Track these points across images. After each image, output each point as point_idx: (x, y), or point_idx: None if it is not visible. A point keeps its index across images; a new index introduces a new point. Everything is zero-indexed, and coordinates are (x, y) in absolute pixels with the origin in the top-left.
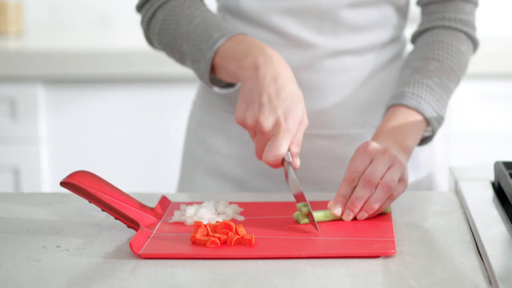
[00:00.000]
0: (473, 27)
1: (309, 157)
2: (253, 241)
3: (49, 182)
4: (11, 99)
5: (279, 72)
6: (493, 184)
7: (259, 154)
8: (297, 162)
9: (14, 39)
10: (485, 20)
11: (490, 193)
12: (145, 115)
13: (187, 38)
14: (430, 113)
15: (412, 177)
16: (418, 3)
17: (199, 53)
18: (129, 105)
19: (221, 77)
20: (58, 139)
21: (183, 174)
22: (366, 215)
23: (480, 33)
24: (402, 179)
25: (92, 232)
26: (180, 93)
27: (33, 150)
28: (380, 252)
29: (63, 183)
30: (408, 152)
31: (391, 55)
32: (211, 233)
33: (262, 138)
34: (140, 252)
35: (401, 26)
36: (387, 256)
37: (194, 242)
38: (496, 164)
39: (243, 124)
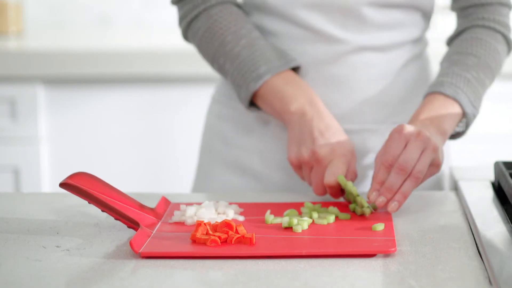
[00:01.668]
0: (509, 29)
1: None
2: (254, 240)
3: (49, 182)
4: (11, 99)
5: (325, 115)
6: (493, 184)
7: (318, 187)
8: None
9: (14, 39)
10: None
11: (490, 193)
12: (145, 115)
13: (231, 59)
14: (466, 104)
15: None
16: (453, 9)
17: (242, 80)
18: (129, 105)
19: (262, 107)
20: (58, 139)
21: (200, 168)
22: (397, 205)
23: None
24: (434, 163)
25: (92, 232)
26: (180, 93)
27: (33, 150)
28: (380, 250)
29: (63, 184)
30: (445, 135)
31: (413, 54)
32: (211, 232)
33: (319, 168)
34: (140, 251)
35: (424, 28)
36: (387, 255)
37: (195, 241)
38: (496, 164)
39: (298, 161)
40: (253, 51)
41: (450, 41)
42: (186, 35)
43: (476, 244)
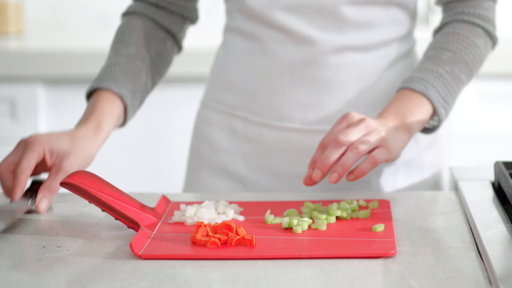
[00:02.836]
0: (492, 23)
1: (313, 153)
2: (254, 242)
3: None
4: (11, 99)
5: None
6: (493, 184)
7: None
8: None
9: (14, 39)
10: None
11: (490, 193)
12: (145, 115)
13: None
14: (436, 98)
15: (416, 177)
16: (438, 3)
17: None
18: None
19: None
20: None
21: (189, 172)
22: (336, 176)
23: None
24: (384, 146)
25: (92, 232)
26: (180, 93)
27: None
28: (380, 252)
29: (63, 183)
30: (408, 129)
31: (398, 54)
32: (211, 234)
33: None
34: (140, 253)
35: (408, 26)
36: (387, 256)
37: (195, 243)
38: (496, 164)
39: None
40: (113, 63)
41: (434, 34)
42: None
43: (476, 244)
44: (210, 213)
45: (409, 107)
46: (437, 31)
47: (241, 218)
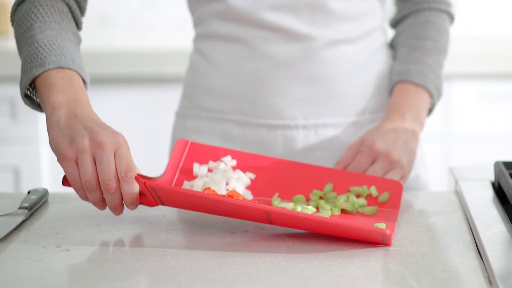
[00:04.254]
0: (449, 4)
1: (316, 148)
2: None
3: (49, 182)
4: (11, 99)
5: (92, 113)
6: (493, 184)
7: (110, 175)
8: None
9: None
10: (485, 20)
11: (490, 193)
12: (145, 115)
13: (30, 43)
14: (433, 90)
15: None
16: None
17: (29, 65)
18: (128, 105)
19: (37, 95)
20: None
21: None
22: None
23: (480, 33)
24: (401, 178)
25: (92, 232)
26: (179, 93)
27: (33, 150)
28: (378, 231)
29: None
30: (422, 126)
31: (378, 44)
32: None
33: (105, 154)
34: (145, 182)
35: (382, 17)
36: (387, 255)
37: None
38: (496, 164)
39: (75, 152)
40: (52, 43)
41: (395, 23)
42: (12, 19)
43: (476, 244)
44: (220, 189)
45: (417, 103)
46: (400, 20)
47: (250, 197)
